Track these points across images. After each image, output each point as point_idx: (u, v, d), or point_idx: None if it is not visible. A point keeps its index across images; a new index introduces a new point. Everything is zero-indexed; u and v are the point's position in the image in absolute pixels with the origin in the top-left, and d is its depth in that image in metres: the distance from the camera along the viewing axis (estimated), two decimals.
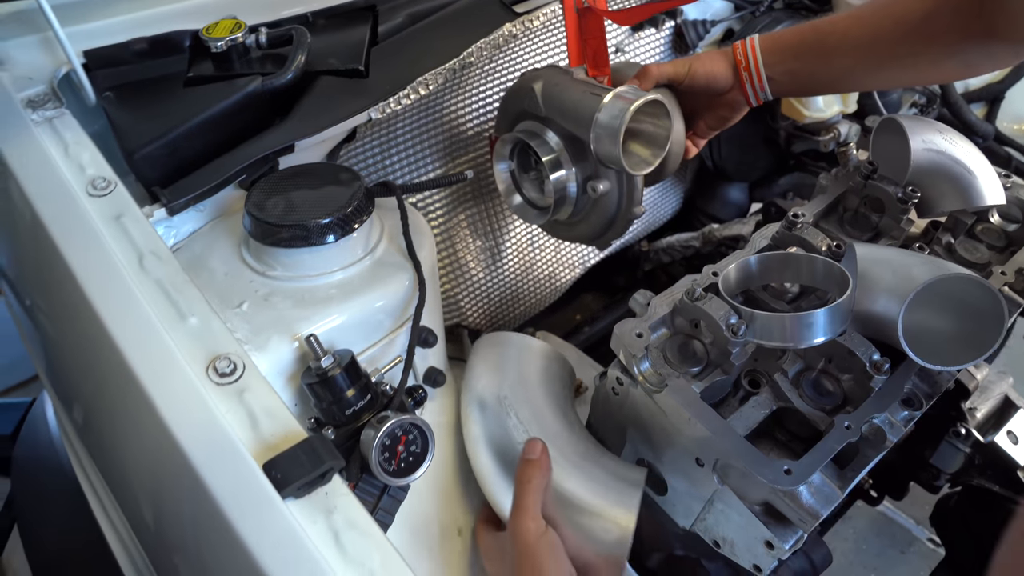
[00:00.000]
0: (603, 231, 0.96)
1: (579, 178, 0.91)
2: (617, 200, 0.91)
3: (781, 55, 0.86)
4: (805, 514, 0.62)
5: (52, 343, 0.73)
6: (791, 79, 0.88)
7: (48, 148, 0.75)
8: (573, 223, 0.99)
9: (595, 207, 0.93)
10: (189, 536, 0.53)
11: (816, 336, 0.65)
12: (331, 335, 0.66)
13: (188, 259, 0.73)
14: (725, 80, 0.89)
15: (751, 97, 0.90)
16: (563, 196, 0.92)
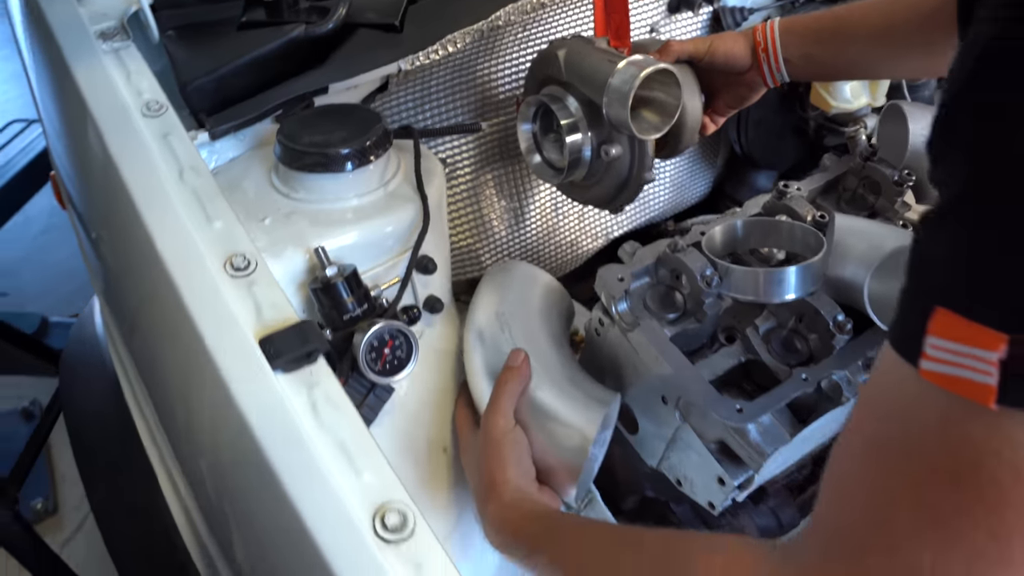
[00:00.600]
0: (616, 195, 1.01)
1: (594, 142, 0.96)
2: (629, 165, 0.96)
3: (799, 38, 0.90)
4: (753, 451, 0.67)
5: (100, 241, 0.83)
6: (807, 62, 0.91)
7: (113, 73, 0.84)
8: (588, 185, 1.04)
9: (608, 171, 0.99)
10: (195, 399, 0.61)
11: (786, 292, 0.70)
12: (341, 252, 0.73)
13: (225, 180, 0.82)
14: (743, 60, 0.93)
15: (767, 78, 0.93)
16: (578, 158, 0.98)
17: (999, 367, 0.31)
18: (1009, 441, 0.32)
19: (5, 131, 2.30)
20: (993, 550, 0.33)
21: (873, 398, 0.39)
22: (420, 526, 0.51)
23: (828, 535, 0.40)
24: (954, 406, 0.33)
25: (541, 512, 0.64)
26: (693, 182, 1.46)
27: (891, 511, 0.37)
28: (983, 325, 0.31)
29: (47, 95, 1.02)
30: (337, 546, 0.50)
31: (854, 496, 0.39)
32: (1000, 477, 0.33)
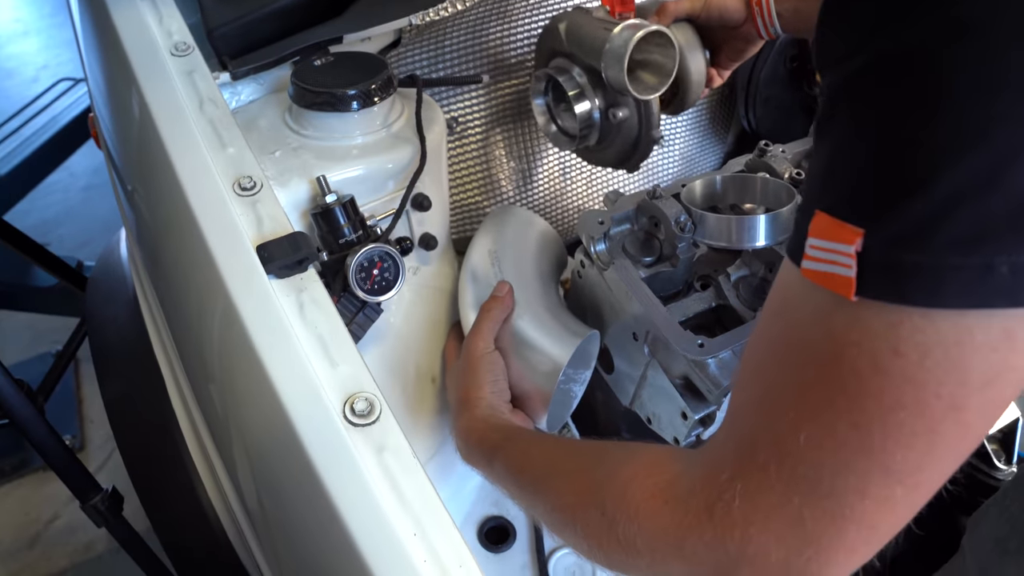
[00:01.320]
0: (630, 154, 1.06)
1: (602, 106, 1.01)
2: (637, 125, 1.01)
3: None
4: (711, 384, 0.71)
5: (126, 165, 0.90)
6: (796, 17, 0.93)
7: (147, 16, 0.91)
8: (602, 148, 1.09)
9: (618, 133, 1.03)
10: (195, 303, 0.68)
11: (756, 240, 0.74)
12: (343, 184, 0.79)
13: (243, 118, 0.88)
14: (738, 13, 0.95)
15: (762, 31, 0.96)
16: (588, 124, 1.02)
17: (856, 259, 0.33)
18: (868, 332, 0.34)
19: (53, 89, 2.41)
20: (855, 439, 0.36)
21: (770, 300, 0.42)
22: (385, 414, 0.56)
23: (729, 430, 0.44)
24: (825, 300, 0.36)
25: (504, 424, 0.70)
26: (703, 157, 1.50)
27: (776, 403, 0.39)
28: (842, 221, 0.34)
29: (90, 43, 1.09)
30: (310, 426, 0.56)
31: (750, 390, 0.43)
32: (859, 367, 0.35)
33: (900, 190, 0.33)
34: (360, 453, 0.54)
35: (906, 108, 0.33)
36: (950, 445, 0.36)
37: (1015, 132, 0.30)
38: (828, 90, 0.37)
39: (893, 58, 0.33)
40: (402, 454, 0.55)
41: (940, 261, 0.32)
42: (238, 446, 0.67)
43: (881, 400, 0.35)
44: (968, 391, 0.34)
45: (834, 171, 0.37)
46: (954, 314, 0.33)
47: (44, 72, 3.51)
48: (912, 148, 0.32)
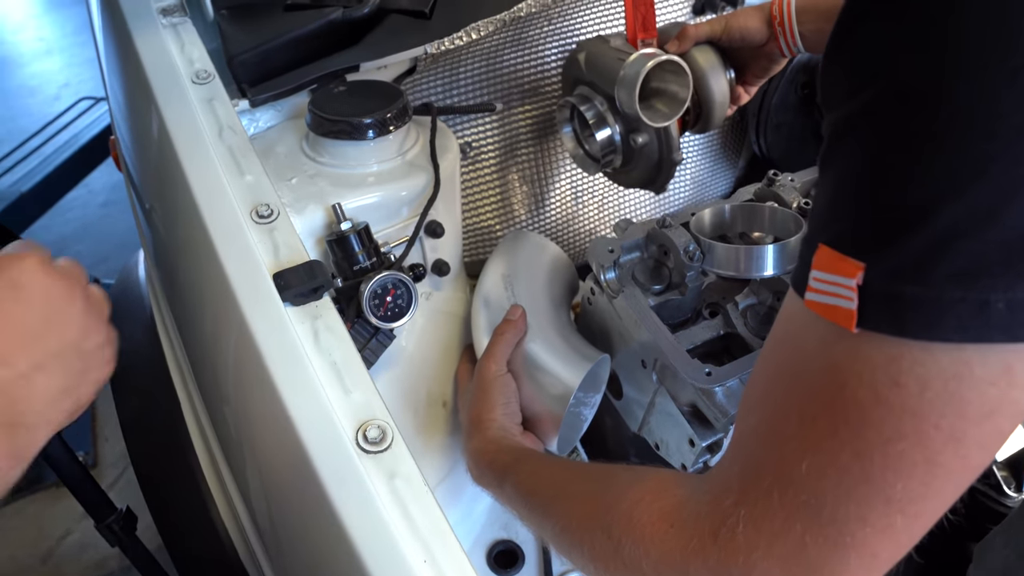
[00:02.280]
0: (654, 176, 1.07)
1: (622, 132, 1.03)
2: (657, 149, 1.02)
3: (812, 14, 0.93)
4: (718, 412, 0.72)
5: (145, 190, 0.92)
6: (820, 38, 0.93)
7: (169, 45, 0.94)
8: (628, 171, 1.10)
9: (640, 156, 1.05)
10: (211, 327, 0.69)
11: (765, 269, 0.75)
12: (358, 212, 0.81)
13: (261, 144, 0.90)
14: (759, 34, 0.96)
15: (784, 49, 0.97)
16: (611, 149, 1.04)
17: (857, 292, 0.35)
18: (869, 363, 0.36)
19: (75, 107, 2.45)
20: (856, 468, 0.37)
21: (775, 331, 0.43)
22: (397, 441, 0.57)
23: (734, 456, 0.45)
24: (828, 332, 0.37)
25: (515, 447, 0.70)
26: (714, 180, 1.51)
27: (780, 431, 0.40)
28: (844, 255, 0.35)
29: (112, 68, 1.12)
30: (323, 452, 0.57)
31: (754, 417, 0.44)
32: (861, 398, 0.36)
33: (899, 224, 0.34)
34: (372, 480, 0.55)
35: (905, 144, 0.34)
36: (950, 476, 0.37)
37: (1011, 169, 0.31)
38: (832, 125, 0.38)
39: (893, 95, 0.34)
40: (413, 481, 0.56)
41: (939, 295, 0.33)
42: (251, 469, 0.68)
43: (882, 430, 0.36)
44: (967, 423, 0.35)
45: (836, 205, 0.38)
46: (953, 348, 0.34)
47: (66, 90, 3.57)
48: (910, 183, 0.33)
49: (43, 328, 0.51)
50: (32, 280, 0.51)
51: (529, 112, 1.21)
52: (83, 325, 0.54)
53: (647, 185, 1.09)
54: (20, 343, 0.49)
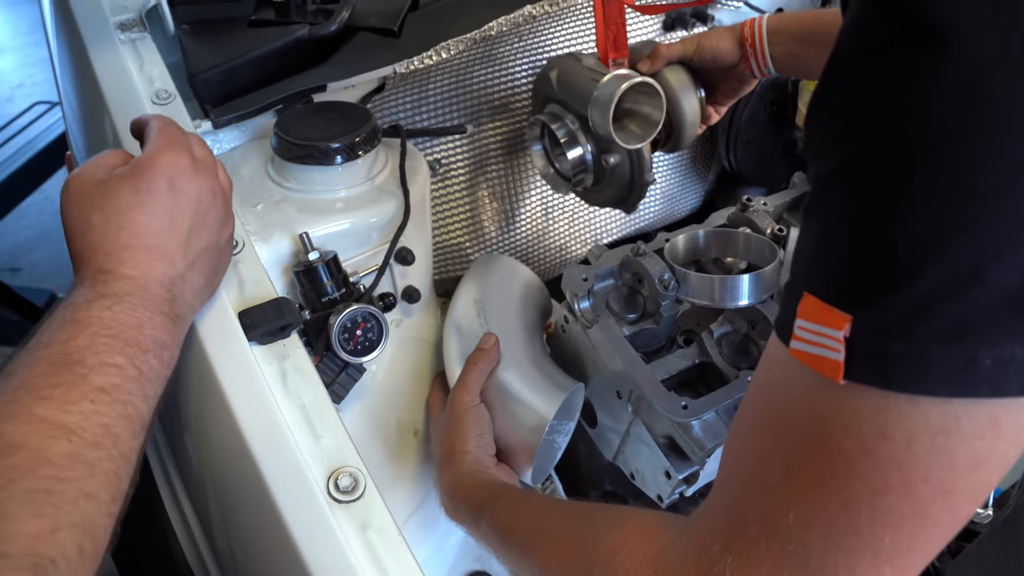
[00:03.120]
0: (625, 196, 1.06)
1: (594, 152, 1.02)
2: (629, 170, 1.01)
3: (784, 36, 0.93)
4: (695, 445, 0.71)
5: None
6: (790, 60, 0.94)
7: (128, 62, 0.90)
8: (599, 190, 1.10)
9: (612, 176, 1.04)
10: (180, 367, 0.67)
11: (740, 299, 0.75)
12: (326, 239, 0.79)
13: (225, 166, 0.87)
14: (731, 55, 0.96)
15: (755, 71, 0.97)
16: (582, 168, 1.03)
17: (844, 344, 0.35)
18: (855, 415, 0.35)
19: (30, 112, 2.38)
20: (844, 519, 0.37)
21: (759, 375, 0.43)
22: (369, 489, 0.56)
23: (719, 502, 0.44)
24: (814, 382, 0.37)
25: (490, 481, 0.69)
26: (684, 195, 1.51)
27: (766, 479, 0.40)
28: (831, 306, 0.35)
29: (67, 79, 1.08)
30: (293, 503, 0.55)
31: (740, 464, 0.43)
32: (847, 450, 0.36)
33: (886, 281, 0.34)
34: (343, 531, 0.53)
35: (888, 201, 0.34)
36: (938, 527, 0.37)
37: (995, 229, 0.31)
38: (816, 176, 0.38)
39: (877, 151, 0.34)
40: (386, 531, 0.54)
41: (925, 352, 0.33)
42: (217, 513, 0.65)
43: (869, 483, 0.36)
44: (955, 476, 0.35)
45: (822, 255, 0.37)
46: (940, 402, 0.34)
47: (19, 91, 3.46)
48: (897, 240, 0.33)
49: (195, 228, 0.58)
50: (188, 183, 0.57)
51: (499, 129, 1.19)
52: (221, 222, 0.62)
53: (618, 205, 1.08)
54: (178, 243, 0.56)
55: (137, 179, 0.55)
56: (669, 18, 1.26)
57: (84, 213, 0.54)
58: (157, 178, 0.55)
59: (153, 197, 0.55)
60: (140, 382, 0.50)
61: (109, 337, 0.49)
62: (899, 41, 0.33)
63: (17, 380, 0.46)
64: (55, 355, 0.47)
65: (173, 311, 0.55)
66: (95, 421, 0.46)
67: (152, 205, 0.55)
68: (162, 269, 0.55)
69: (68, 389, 0.46)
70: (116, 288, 0.52)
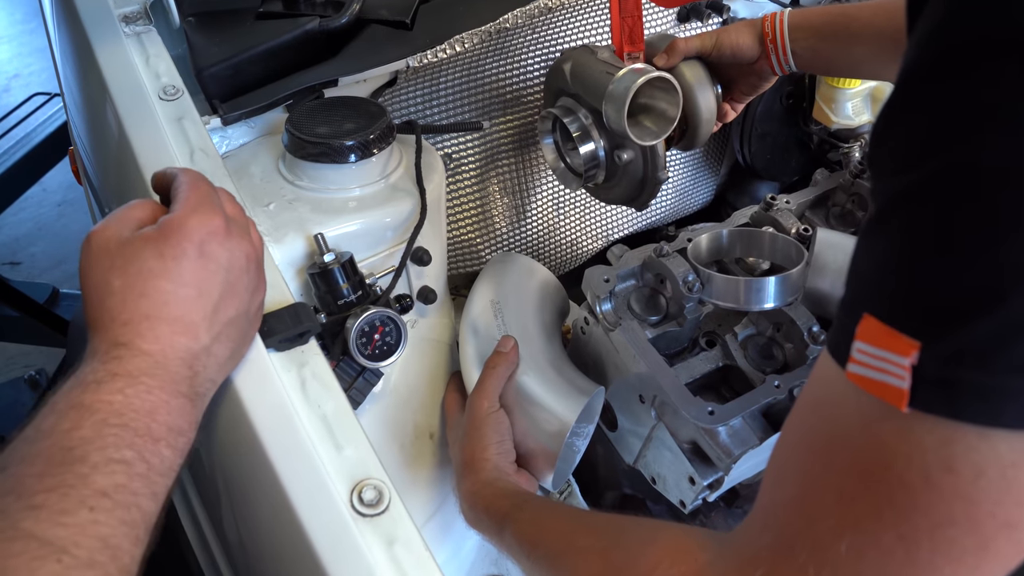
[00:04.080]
0: (637, 193, 1.04)
1: (607, 148, 0.99)
2: (642, 167, 0.99)
3: (807, 32, 0.90)
4: (721, 452, 0.70)
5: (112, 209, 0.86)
6: (813, 56, 0.92)
7: (133, 56, 0.88)
8: (610, 187, 1.07)
9: (624, 173, 1.02)
10: None
11: (765, 302, 0.73)
12: (340, 240, 0.77)
13: (234, 164, 0.85)
14: (751, 50, 0.94)
15: (776, 67, 0.94)
16: (594, 164, 1.01)
17: (911, 372, 0.33)
18: (919, 446, 0.34)
19: (28, 103, 2.34)
20: (901, 551, 0.35)
21: (809, 396, 0.42)
22: (394, 502, 0.54)
23: (764, 525, 0.42)
24: (873, 408, 0.35)
25: (512, 491, 0.68)
26: (696, 189, 1.49)
27: (817, 506, 0.39)
28: (898, 331, 0.33)
29: (70, 73, 1.05)
30: (316, 518, 0.53)
31: (787, 488, 0.42)
32: (909, 481, 0.35)
33: (966, 309, 0.32)
34: (369, 547, 0.52)
35: (975, 223, 0.32)
36: (1000, 559, 0.36)
37: None
38: (885, 193, 0.36)
39: (965, 172, 0.32)
40: (413, 546, 0.52)
41: (1002, 383, 0.32)
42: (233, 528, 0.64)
43: (931, 515, 0.35)
44: (1022, 510, 0.34)
45: (889, 276, 0.36)
46: (1011, 436, 0.33)
47: (16, 82, 3.43)
48: (979, 265, 0.32)
49: (223, 298, 0.52)
50: (220, 248, 0.52)
51: (511, 123, 1.17)
52: (253, 288, 0.56)
53: (629, 202, 1.06)
54: (204, 315, 0.51)
55: (164, 243, 0.50)
56: (684, 9, 1.24)
57: (104, 275, 0.49)
58: (186, 243, 0.50)
59: (179, 264, 0.50)
60: (148, 478, 0.45)
61: (119, 427, 0.44)
62: (988, 55, 0.31)
63: (10, 481, 0.41)
64: (55, 449, 0.42)
65: (193, 390, 0.50)
66: (92, 533, 0.41)
67: (179, 272, 0.49)
68: (185, 344, 0.50)
69: (64, 495, 0.41)
70: (131, 366, 0.47)
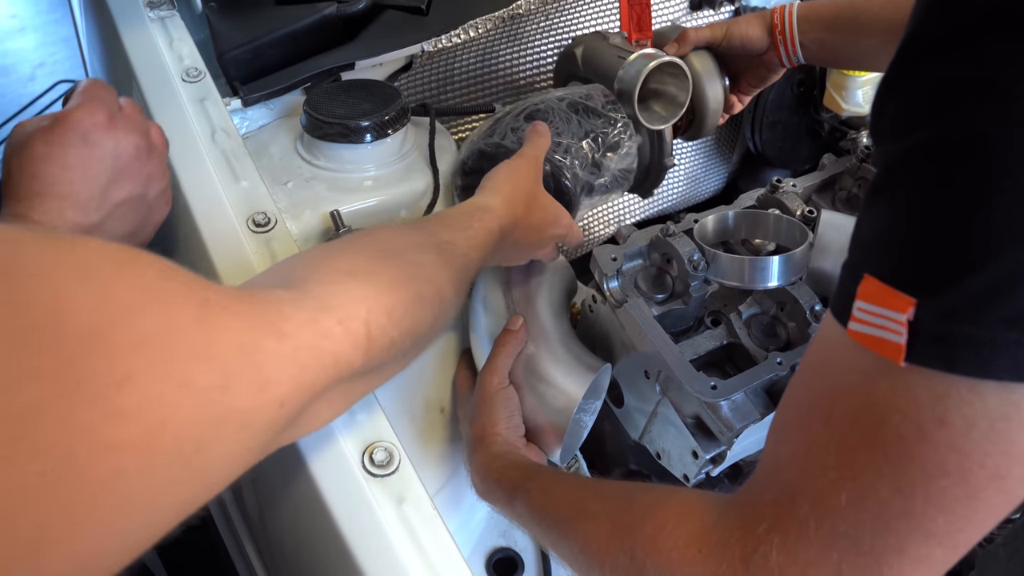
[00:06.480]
0: (643, 179, 1.06)
1: None
2: (649, 153, 1.01)
3: (815, 24, 0.92)
4: (723, 426, 0.72)
5: None
6: (820, 48, 0.93)
7: (157, 40, 0.91)
8: None
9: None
10: None
11: (769, 280, 0.74)
12: (356, 217, 0.79)
13: (254, 145, 0.87)
14: (760, 42, 0.95)
15: (784, 59, 0.96)
16: None
17: (907, 327, 0.34)
18: (914, 400, 0.35)
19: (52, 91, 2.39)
20: (897, 502, 0.37)
21: (812, 355, 0.43)
22: (404, 464, 0.56)
23: (767, 481, 0.44)
24: (872, 365, 0.37)
25: (523, 463, 0.69)
26: (707, 176, 1.50)
27: (818, 460, 0.40)
28: (896, 289, 0.35)
29: (96, 58, 1.09)
30: (330, 477, 0.56)
31: (789, 444, 0.43)
32: (904, 434, 0.36)
33: (960, 266, 0.34)
34: (379, 505, 0.54)
35: (970, 183, 0.33)
36: (990, 510, 0.37)
37: None
38: (885, 158, 0.38)
39: (959, 137, 0.34)
40: (422, 506, 0.55)
41: (994, 336, 0.33)
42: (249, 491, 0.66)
43: (924, 467, 0.36)
44: (1012, 461, 0.35)
45: (887, 237, 0.37)
46: (1002, 388, 0.34)
47: (41, 70, 3.48)
48: (973, 223, 0.33)
49: (112, 181, 0.58)
50: (103, 137, 0.58)
51: None
52: (147, 175, 0.62)
53: (634, 189, 1.08)
54: (91, 195, 0.57)
55: (51, 132, 0.56)
56: None
57: (7, 160, 0.56)
58: (70, 132, 0.57)
59: (64, 151, 0.56)
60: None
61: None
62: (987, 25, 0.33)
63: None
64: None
65: None
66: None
67: (63, 157, 0.56)
68: (73, 218, 0.56)
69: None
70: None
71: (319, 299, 0.43)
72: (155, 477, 0.31)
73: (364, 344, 0.45)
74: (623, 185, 0.98)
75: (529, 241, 0.73)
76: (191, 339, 0.33)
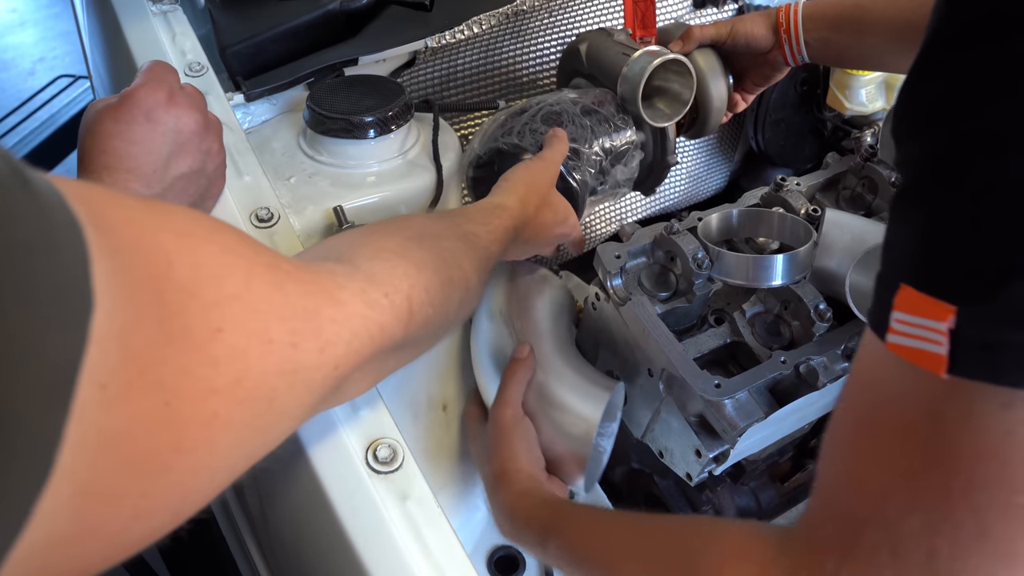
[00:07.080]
0: (645, 177, 1.06)
1: None
2: (653, 150, 1.01)
3: (820, 23, 0.91)
4: (727, 425, 0.71)
5: None
6: (825, 47, 0.93)
7: (160, 35, 0.90)
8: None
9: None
10: None
11: (773, 279, 0.74)
12: (359, 213, 0.79)
13: (257, 140, 0.87)
14: (765, 40, 0.95)
15: (788, 58, 0.95)
16: None
17: (948, 337, 0.33)
18: (976, 413, 0.34)
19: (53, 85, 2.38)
20: (972, 524, 0.35)
21: (855, 374, 0.41)
22: (408, 461, 0.56)
23: (825, 511, 0.42)
24: (920, 378, 0.35)
25: (551, 500, 0.67)
26: (710, 175, 1.50)
27: (881, 487, 0.38)
28: (934, 298, 0.33)
29: (98, 52, 1.08)
30: (333, 474, 0.55)
31: (845, 471, 0.41)
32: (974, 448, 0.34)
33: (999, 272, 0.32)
34: (383, 502, 0.54)
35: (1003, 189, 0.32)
36: None
37: None
38: (912, 161, 0.37)
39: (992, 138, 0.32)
40: (426, 503, 0.54)
41: None
42: (251, 488, 0.66)
43: (999, 483, 0.34)
44: None
45: (921, 246, 0.36)
46: None
47: (41, 65, 3.47)
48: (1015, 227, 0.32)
49: (173, 156, 0.62)
50: (165, 115, 0.61)
51: None
52: (206, 151, 0.66)
53: (637, 186, 1.07)
54: (154, 168, 0.60)
55: (118, 110, 0.60)
56: None
57: (81, 137, 0.60)
58: (135, 109, 0.60)
59: (130, 127, 0.59)
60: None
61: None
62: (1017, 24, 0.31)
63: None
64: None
65: None
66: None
67: (129, 133, 0.59)
68: (137, 189, 0.59)
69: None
70: None
71: (367, 273, 0.46)
72: (237, 423, 0.33)
73: (406, 317, 0.48)
74: (625, 189, 0.99)
75: (537, 239, 0.76)
76: (268, 299, 0.36)
